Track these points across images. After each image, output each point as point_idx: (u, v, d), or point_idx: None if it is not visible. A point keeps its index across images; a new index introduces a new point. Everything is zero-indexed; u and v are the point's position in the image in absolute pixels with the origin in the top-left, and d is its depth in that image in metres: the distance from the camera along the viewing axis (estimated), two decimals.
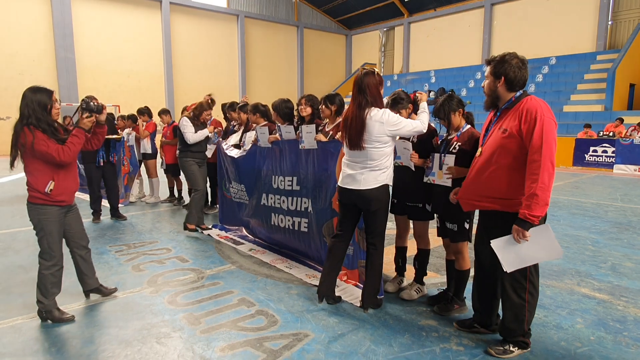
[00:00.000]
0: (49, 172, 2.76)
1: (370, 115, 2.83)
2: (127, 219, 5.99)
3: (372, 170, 2.90)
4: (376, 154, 2.87)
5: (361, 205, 2.98)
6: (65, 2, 17.44)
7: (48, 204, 2.79)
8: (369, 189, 2.89)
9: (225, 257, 4.37)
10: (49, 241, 2.84)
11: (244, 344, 2.61)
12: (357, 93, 2.87)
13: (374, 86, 2.85)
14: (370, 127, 2.81)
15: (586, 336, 2.74)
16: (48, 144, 2.67)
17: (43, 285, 2.87)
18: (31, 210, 2.82)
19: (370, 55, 27.59)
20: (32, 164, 2.74)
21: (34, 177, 2.75)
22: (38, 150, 2.66)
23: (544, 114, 2.24)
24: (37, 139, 2.65)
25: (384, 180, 2.92)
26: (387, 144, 2.88)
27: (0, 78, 16.42)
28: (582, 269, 4.00)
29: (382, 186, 2.91)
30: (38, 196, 2.77)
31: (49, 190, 2.75)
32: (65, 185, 2.83)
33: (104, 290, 3.32)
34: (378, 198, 2.91)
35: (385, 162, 2.92)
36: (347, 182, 2.97)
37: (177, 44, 21.00)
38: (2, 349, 2.57)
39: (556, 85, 17.56)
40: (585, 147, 12.90)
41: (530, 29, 19.60)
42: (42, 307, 2.88)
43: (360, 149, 2.86)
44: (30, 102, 2.67)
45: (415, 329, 2.83)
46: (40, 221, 2.81)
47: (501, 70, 2.38)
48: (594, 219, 6.09)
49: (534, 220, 2.24)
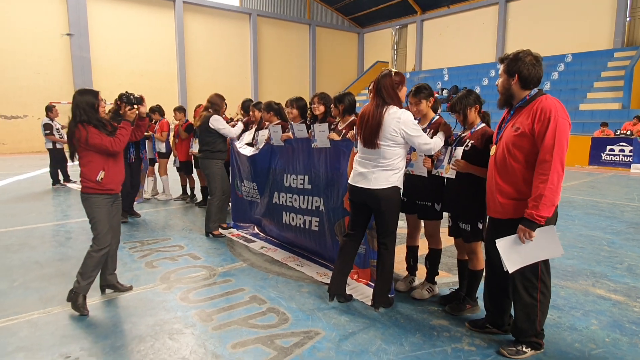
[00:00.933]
0: (101, 163, 3.07)
1: (389, 112, 2.83)
2: (140, 217, 6.06)
3: (384, 170, 2.88)
4: (389, 152, 2.86)
5: (371, 204, 2.98)
6: (80, 2, 17.72)
7: (99, 192, 3.08)
8: (379, 188, 2.87)
9: (237, 254, 4.40)
10: (100, 228, 3.09)
11: (255, 341, 2.63)
12: (376, 93, 2.92)
13: (390, 87, 2.87)
14: (387, 124, 2.81)
15: (601, 338, 2.69)
16: (101, 137, 3.01)
17: (87, 265, 3.06)
18: (84, 200, 3.10)
19: (382, 54, 27.45)
20: (86, 156, 3.05)
21: (87, 168, 3.05)
22: (92, 144, 2.98)
23: (559, 114, 2.20)
24: (90, 133, 2.97)
25: (395, 181, 2.90)
26: (400, 144, 2.86)
27: (17, 77, 16.74)
28: (597, 270, 3.93)
29: (393, 187, 2.90)
30: (91, 186, 3.06)
31: (100, 179, 3.05)
32: (113, 174, 3.14)
33: (120, 287, 3.41)
34: (388, 198, 2.89)
35: (398, 163, 2.90)
36: (358, 181, 2.97)
37: (190, 43, 21.18)
38: (19, 342, 2.63)
39: (572, 83, 17.24)
40: (602, 146, 12.65)
41: (546, 25, 19.26)
42: (76, 287, 3.05)
43: (375, 147, 2.86)
44: (80, 102, 3.00)
45: (426, 328, 2.82)
46: (92, 209, 3.08)
47: (515, 68, 2.35)
48: (610, 219, 5.97)
49: (541, 221, 2.21)
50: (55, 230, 5.37)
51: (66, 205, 6.99)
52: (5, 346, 2.58)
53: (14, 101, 16.73)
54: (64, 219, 5.96)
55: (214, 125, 4.85)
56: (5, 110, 16.70)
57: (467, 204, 2.85)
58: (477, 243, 2.90)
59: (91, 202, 3.07)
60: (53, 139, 8.64)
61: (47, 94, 17.17)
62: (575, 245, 4.72)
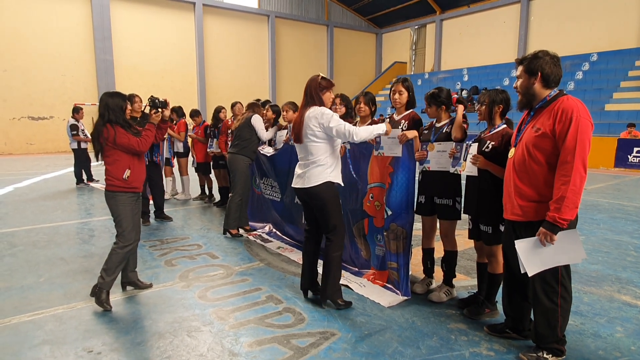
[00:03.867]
0: (127, 162, 3.20)
1: (309, 111, 3.06)
2: (172, 220, 5.88)
3: (316, 166, 3.05)
4: (315, 148, 3.04)
5: (310, 202, 3.15)
6: (104, 6, 18.20)
7: (124, 190, 3.19)
8: (313, 186, 3.04)
9: (254, 254, 4.44)
10: (125, 225, 3.20)
11: (271, 341, 2.65)
12: (304, 95, 3.16)
13: (314, 88, 3.10)
14: (307, 121, 3.03)
15: (626, 346, 2.60)
16: (129, 137, 3.15)
17: (111, 262, 3.16)
18: (109, 197, 3.20)
19: (401, 54, 27.26)
20: (113, 155, 3.17)
21: (114, 166, 3.17)
22: (120, 143, 3.12)
23: (580, 115, 2.15)
24: (118, 133, 3.11)
25: (327, 177, 3.05)
26: (324, 139, 3.04)
27: (44, 79, 17.32)
28: (623, 276, 3.80)
29: (326, 182, 3.04)
30: (117, 184, 3.17)
31: (126, 177, 3.18)
32: (138, 173, 3.27)
33: (140, 285, 3.49)
34: (323, 194, 3.05)
35: (326, 159, 3.06)
36: (297, 182, 3.17)
37: (209, 45, 21.49)
38: (44, 336, 2.72)
39: (597, 82, 16.74)
40: (629, 148, 12.24)
41: (570, 24, 18.77)
42: (100, 283, 3.14)
43: (300, 141, 3.09)
44: (110, 104, 3.14)
45: (444, 331, 2.78)
46: (117, 207, 3.19)
47: (536, 67, 2.31)
48: (637, 223, 5.78)
49: (563, 224, 2.16)
50: (80, 227, 5.53)
51: (90, 203, 7.18)
52: (32, 339, 2.67)
53: (41, 103, 17.33)
54: (87, 217, 6.12)
55: (254, 123, 5.07)
56: (33, 111, 17.30)
57: (490, 205, 2.79)
58: (497, 246, 2.84)
59: (117, 199, 3.17)
60: (79, 139, 8.92)
61: (72, 95, 17.72)
62: (600, 249, 4.58)
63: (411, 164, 3.27)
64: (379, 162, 3.47)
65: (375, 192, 3.53)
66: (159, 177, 5.96)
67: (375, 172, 3.52)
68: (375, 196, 3.53)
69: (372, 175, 3.54)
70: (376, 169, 3.51)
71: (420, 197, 3.35)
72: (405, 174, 3.29)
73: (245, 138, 5.06)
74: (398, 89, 3.44)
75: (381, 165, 3.46)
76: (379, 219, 3.51)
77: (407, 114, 3.50)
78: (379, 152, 3.41)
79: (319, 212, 3.14)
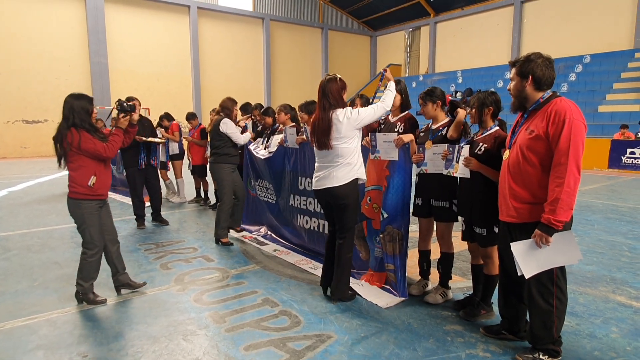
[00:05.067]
0: (92, 168, 3.06)
1: (336, 114, 3.05)
2: (169, 224, 5.83)
3: (342, 166, 3.08)
4: (344, 150, 3.06)
5: (333, 202, 3.16)
6: (99, 9, 18.14)
7: (89, 198, 3.07)
8: (339, 185, 3.07)
9: (250, 257, 4.43)
10: (92, 232, 3.12)
11: (267, 344, 2.64)
12: (321, 97, 3.11)
13: (335, 91, 3.09)
14: (339, 127, 3.03)
15: (622, 346, 2.62)
16: (94, 142, 3.01)
17: (85, 270, 3.13)
18: (72, 205, 3.08)
19: (395, 56, 27.34)
20: (77, 161, 3.03)
21: (78, 172, 3.04)
22: (85, 148, 2.98)
23: (574, 116, 2.16)
24: (83, 137, 2.97)
25: (354, 175, 3.11)
26: (353, 138, 3.09)
27: (39, 82, 17.22)
28: (617, 276, 3.83)
29: (351, 181, 3.10)
30: (81, 191, 3.04)
31: (92, 184, 3.05)
32: (104, 179, 3.14)
33: (134, 285, 3.46)
34: (348, 193, 3.09)
35: (354, 158, 3.10)
36: (320, 184, 3.17)
37: (204, 48, 21.47)
38: (38, 341, 2.69)
39: (591, 84, 16.87)
40: (622, 149, 12.34)
41: (563, 26, 18.92)
42: (80, 290, 3.14)
43: (328, 148, 3.07)
44: (75, 106, 2.99)
45: (440, 333, 2.78)
46: (83, 215, 3.08)
47: (528, 69, 2.32)
48: (631, 223, 5.82)
49: (558, 226, 2.17)
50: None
51: None
52: (26, 344, 2.65)
53: (36, 106, 17.22)
54: None
55: (223, 129, 4.76)
56: (27, 115, 17.19)
57: (483, 207, 2.80)
58: (492, 247, 2.85)
59: (82, 207, 3.05)
60: None
61: None
62: (594, 250, 4.61)
63: (407, 167, 3.28)
64: (376, 166, 3.48)
65: (373, 194, 3.54)
66: (156, 180, 5.85)
67: (372, 175, 3.53)
68: (373, 199, 3.53)
69: (369, 179, 3.55)
70: (373, 172, 3.52)
71: (417, 200, 3.36)
72: (401, 177, 3.31)
73: (217, 145, 4.81)
74: None
75: (378, 168, 3.47)
76: (377, 221, 3.51)
77: (403, 115, 3.51)
78: (375, 156, 3.42)
79: (339, 212, 3.17)
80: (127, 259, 4.28)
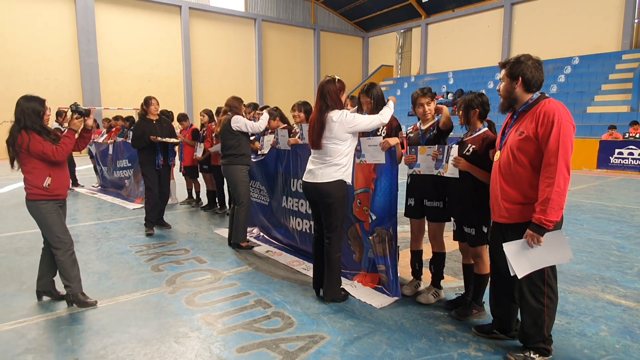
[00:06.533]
0: (46, 170, 3.02)
1: (331, 116, 3.08)
2: (171, 227, 5.68)
3: (329, 165, 3.11)
4: (333, 150, 3.10)
5: (318, 198, 3.19)
6: (89, 8, 17.95)
7: (46, 198, 3.04)
8: (325, 182, 3.11)
9: (242, 258, 4.41)
10: (56, 231, 3.08)
11: (260, 345, 2.63)
12: (320, 98, 3.14)
13: (333, 92, 3.11)
14: (331, 127, 3.07)
15: (611, 344, 2.65)
16: (43, 144, 2.94)
17: (64, 270, 3.10)
18: (31, 207, 3.07)
19: (387, 57, 27.45)
20: (30, 163, 3.00)
21: (32, 175, 3.01)
22: (34, 151, 2.93)
23: (562, 117, 2.19)
24: (33, 140, 2.92)
25: (340, 176, 3.14)
26: (345, 141, 3.11)
27: (28, 83, 16.96)
28: (606, 275, 3.88)
29: (336, 181, 3.12)
30: (37, 192, 3.02)
31: (47, 185, 3.01)
32: (60, 179, 3.11)
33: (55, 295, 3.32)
34: (333, 192, 3.12)
35: (342, 160, 3.13)
36: (308, 177, 3.21)
37: (195, 48, 21.35)
38: (27, 345, 2.65)
39: (579, 85, 17.10)
40: (610, 149, 12.50)
41: (552, 28, 19.15)
42: (69, 291, 3.12)
43: (320, 147, 3.12)
44: (25, 108, 2.95)
45: (432, 333, 2.80)
46: (43, 215, 3.05)
47: (518, 71, 2.35)
48: (620, 223, 5.90)
49: (549, 226, 2.19)
50: None
51: (74, 209, 7.04)
52: (14, 348, 2.61)
53: None
54: (72, 223, 6.00)
55: (236, 126, 4.58)
56: None
57: (471, 207, 2.83)
58: (482, 247, 2.88)
59: (41, 209, 3.03)
60: None
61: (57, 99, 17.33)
62: (584, 249, 4.67)
63: (394, 169, 3.31)
64: (363, 169, 3.50)
65: (362, 197, 3.56)
66: (167, 182, 5.67)
67: (360, 178, 3.55)
68: (363, 202, 3.55)
69: (357, 182, 3.57)
70: (360, 175, 3.54)
71: (410, 200, 3.36)
72: (388, 179, 3.33)
73: (231, 145, 4.62)
74: (363, 100, 3.48)
75: (365, 171, 3.48)
76: (367, 223, 3.53)
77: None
78: (361, 160, 3.43)
79: (324, 210, 3.19)
80: (117, 261, 4.26)
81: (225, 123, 4.67)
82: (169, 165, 5.58)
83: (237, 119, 4.61)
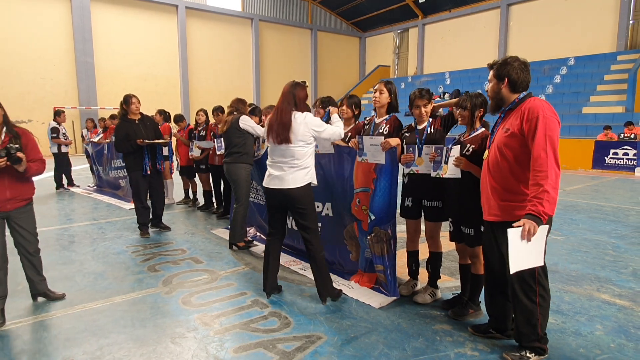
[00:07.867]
0: None
1: (295, 117, 3.12)
2: (170, 230, 5.57)
3: (299, 169, 3.13)
4: (300, 152, 3.12)
5: (287, 203, 3.21)
6: (85, 8, 17.87)
7: None
8: (296, 187, 3.11)
9: (239, 258, 4.40)
10: None
11: (257, 345, 2.62)
12: (286, 96, 3.18)
13: (303, 98, 3.20)
14: (296, 128, 3.09)
15: (606, 343, 2.67)
16: None
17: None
18: None
19: (384, 57, 27.50)
20: None
21: None
22: None
23: (546, 113, 2.22)
24: None
25: (309, 179, 3.19)
26: (310, 144, 3.18)
27: (23, 82, 16.87)
28: (601, 275, 3.90)
29: (306, 185, 3.17)
30: None
31: None
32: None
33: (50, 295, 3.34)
34: (303, 196, 3.15)
35: (308, 161, 3.18)
36: (275, 183, 3.17)
37: (192, 48, 21.29)
38: (22, 346, 2.64)
39: (575, 86, 17.19)
40: (605, 150, 12.58)
41: (548, 29, 19.25)
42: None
43: (289, 142, 3.08)
44: None
45: (429, 333, 2.80)
46: None
47: (504, 72, 2.40)
48: (615, 223, 5.94)
49: (544, 218, 2.16)
50: (59, 234, 5.39)
51: (70, 209, 7.02)
52: (10, 349, 2.59)
53: (20, 106, 16.82)
54: (67, 223, 5.98)
55: (245, 125, 4.64)
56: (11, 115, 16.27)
57: (471, 207, 2.83)
58: (480, 247, 2.88)
59: None
60: (60, 142, 8.84)
61: (52, 99, 17.31)
62: (579, 249, 4.70)
63: (394, 170, 3.31)
64: (363, 168, 3.50)
65: (361, 196, 3.56)
66: (160, 185, 5.47)
67: (360, 177, 3.55)
68: (362, 201, 3.55)
69: (357, 181, 3.57)
70: (360, 174, 3.54)
71: (407, 201, 3.36)
72: (387, 180, 3.33)
73: (237, 143, 4.63)
74: (380, 88, 3.46)
75: (365, 170, 3.48)
76: (366, 223, 3.53)
77: (389, 118, 3.52)
78: (363, 159, 3.42)
79: (299, 215, 3.21)
80: (113, 261, 4.25)
81: (233, 121, 4.70)
82: (157, 170, 5.30)
83: (245, 119, 4.72)
